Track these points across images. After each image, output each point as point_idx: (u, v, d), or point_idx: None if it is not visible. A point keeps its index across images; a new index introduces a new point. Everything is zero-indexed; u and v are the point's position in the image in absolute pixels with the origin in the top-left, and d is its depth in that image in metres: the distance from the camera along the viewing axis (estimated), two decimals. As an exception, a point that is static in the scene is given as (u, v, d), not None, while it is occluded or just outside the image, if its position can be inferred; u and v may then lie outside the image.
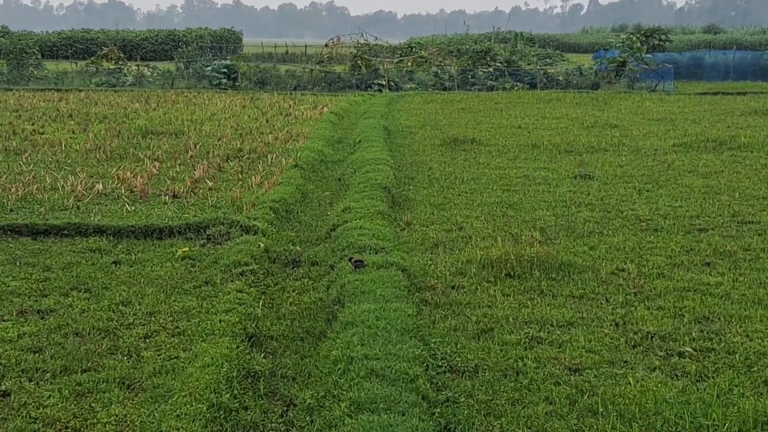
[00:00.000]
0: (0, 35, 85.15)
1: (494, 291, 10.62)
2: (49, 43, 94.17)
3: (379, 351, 7.65)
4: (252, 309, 9.86)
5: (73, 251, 12.70)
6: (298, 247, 13.36)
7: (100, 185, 17.00)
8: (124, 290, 10.86)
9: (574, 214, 15.02)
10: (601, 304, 10.16)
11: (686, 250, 12.62)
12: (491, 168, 20.00)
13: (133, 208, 15.38)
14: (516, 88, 47.26)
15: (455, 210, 15.46)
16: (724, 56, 60.38)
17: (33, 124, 28.38)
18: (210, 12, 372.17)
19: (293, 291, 11.22)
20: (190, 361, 8.30)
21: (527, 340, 8.95)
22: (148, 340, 9.19)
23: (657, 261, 11.98)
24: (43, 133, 26.01)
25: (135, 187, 16.97)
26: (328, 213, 15.68)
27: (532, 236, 13.07)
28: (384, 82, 48.11)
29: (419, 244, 13.02)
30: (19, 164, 19.86)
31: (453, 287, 10.86)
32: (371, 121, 28.38)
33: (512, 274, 11.18)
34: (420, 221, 14.58)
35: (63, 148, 22.62)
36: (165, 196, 16.43)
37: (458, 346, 8.66)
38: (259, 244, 12.52)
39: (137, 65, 53.58)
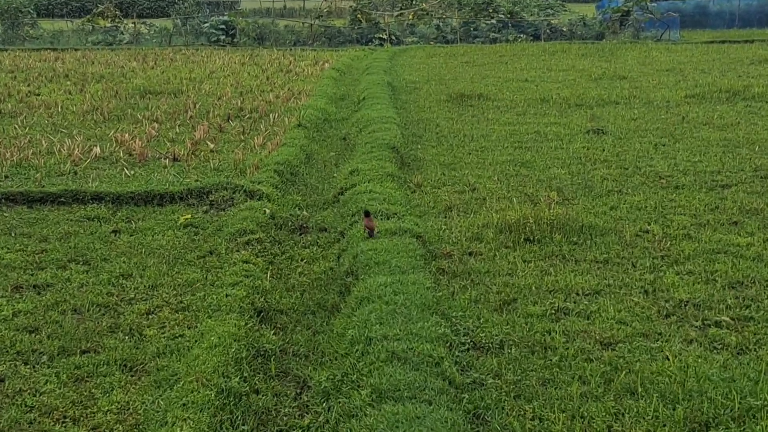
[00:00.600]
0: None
1: (514, 257, 10.08)
2: (44, 2, 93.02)
3: (400, 330, 7.07)
4: (259, 281, 9.34)
5: (71, 220, 12.17)
6: (305, 212, 12.83)
7: (98, 149, 16.43)
8: (124, 262, 10.33)
9: (591, 171, 14.46)
10: (628, 269, 9.63)
11: (711, 208, 12.07)
12: (500, 124, 19.40)
13: (132, 172, 14.82)
14: (519, 39, 46.52)
15: (467, 170, 14.89)
16: (729, 3, 59.42)
17: (29, 86, 27.73)
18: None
19: (302, 260, 10.69)
20: (196, 341, 7.79)
21: (553, 311, 8.41)
22: (150, 317, 8.67)
23: (682, 221, 11.43)
24: (39, 95, 25.39)
25: (134, 150, 16.38)
26: (335, 175, 15.13)
27: (549, 196, 12.49)
28: (385, 36, 47.34)
29: (432, 208, 12.47)
30: (14, 128, 19.25)
31: (470, 254, 10.32)
32: (374, 77, 27.72)
33: (531, 238, 10.62)
34: (431, 182, 14.02)
35: (59, 110, 22.02)
36: (165, 159, 15.86)
37: (481, 320, 8.12)
38: (265, 210, 11.99)
39: (134, 23, 52.77)
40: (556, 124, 19.25)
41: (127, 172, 14.79)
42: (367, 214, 10.51)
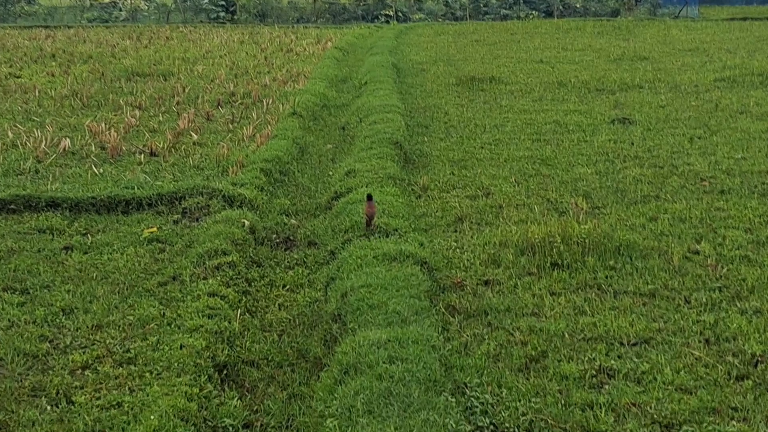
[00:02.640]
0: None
1: (539, 288, 8.25)
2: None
3: (395, 429, 5.23)
4: (227, 322, 7.55)
5: (19, 233, 10.36)
6: (293, 220, 11.11)
7: (68, 141, 14.62)
8: (69, 290, 8.54)
9: (621, 171, 12.64)
10: (680, 306, 7.80)
11: (766, 220, 10.24)
12: (515, 112, 17.55)
13: (100, 170, 13.04)
14: (531, 16, 44.63)
15: (479, 168, 13.08)
16: (748, -21, 57.41)
17: (11, 67, 25.96)
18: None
19: (284, 287, 8.94)
20: (134, 416, 6.02)
21: (594, 371, 6.54)
22: (86, 374, 6.84)
23: (735, 237, 9.57)
24: (19, 77, 23.60)
25: (108, 143, 14.59)
26: (330, 173, 13.36)
27: (575, 204, 10.71)
28: (391, 13, 45.42)
29: (440, 218, 10.66)
30: (-19, 116, 17.49)
31: (486, 283, 8.49)
32: (378, 58, 25.83)
33: (560, 262, 8.75)
34: (439, 185, 12.21)
35: (36, 94, 20.21)
36: (140, 154, 14.09)
37: (503, 390, 6.20)
38: (243, 222, 10.19)
39: (130, -1, 50.88)
40: (576, 112, 17.40)
41: (95, 170, 13.03)
42: (369, 198, 9.46)
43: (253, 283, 8.94)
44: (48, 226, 10.57)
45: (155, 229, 10.28)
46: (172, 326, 7.55)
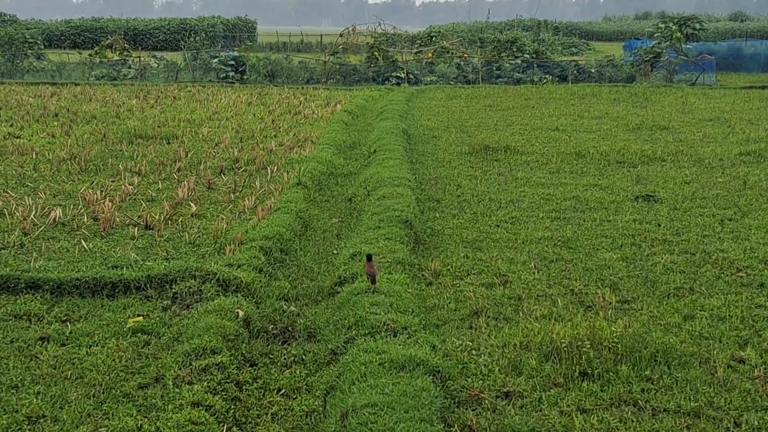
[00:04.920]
0: (7, 23, 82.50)
1: (567, 404, 7.27)
2: (57, 32, 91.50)
3: None
4: (210, 442, 6.61)
5: (-7, 318, 9.48)
6: (292, 307, 10.16)
7: (59, 211, 13.81)
8: (39, 393, 7.60)
9: (649, 257, 11.70)
10: (730, 430, 6.83)
11: (813, 320, 9.27)
12: (532, 185, 16.67)
13: (90, 245, 12.19)
14: (545, 81, 43.87)
15: (495, 250, 12.16)
16: (763, 46, 56.88)
17: (12, 126, 25.32)
18: (227, 1, 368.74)
19: (278, 391, 7.97)
20: None
21: None
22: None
23: (782, 342, 8.62)
24: (18, 137, 22.90)
25: (101, 213, 13.76)
26: (335, 251, 12.46)
27: (603, 298, 9.78)
28: (403, 75, 44.78)
29: (453, 311, 9.69)
30: (-27, 180, 16.70)
31: (506, 395, 7.50)
32: (389, 124, 25.00)
33: (589, 371, 7.76)
34: (451, 270, 11.27)
35: (33, 157, 19.46)
36: (134, 227, 13.24)
37: None
38: (237, 313, 9.25)
39: (139, 57, 50.35)
40: (596, 186, 16.52)
41: (84, 244, 12.18)
42: (369, 258, 9.61)
43: (244, 387, 7.97)
44: (26, 311, 9.65)
45: (141, 318, 9.35)
46: (149, 444, 6.61)
